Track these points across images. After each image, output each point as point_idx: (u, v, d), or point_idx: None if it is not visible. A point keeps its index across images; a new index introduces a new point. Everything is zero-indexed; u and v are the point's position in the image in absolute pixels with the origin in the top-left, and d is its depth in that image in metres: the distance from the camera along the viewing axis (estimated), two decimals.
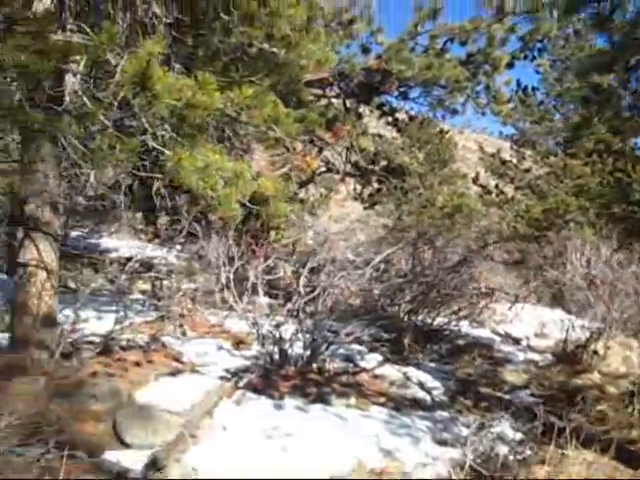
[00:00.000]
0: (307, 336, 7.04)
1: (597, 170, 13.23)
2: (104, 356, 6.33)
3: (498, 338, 9.83)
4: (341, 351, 7.71)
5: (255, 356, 7.19)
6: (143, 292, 9.56)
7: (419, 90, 13.37)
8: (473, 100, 13.36)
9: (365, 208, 16.31)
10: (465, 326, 9.77)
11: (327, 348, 7.14)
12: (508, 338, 9.89)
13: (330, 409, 6.04)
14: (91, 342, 6.54)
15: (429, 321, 9.26)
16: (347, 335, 7.31)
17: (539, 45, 14.74)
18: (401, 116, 15.20)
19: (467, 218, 13.25)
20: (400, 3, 14.51)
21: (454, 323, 9.44)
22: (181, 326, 7.78)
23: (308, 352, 7.00)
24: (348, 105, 13.54)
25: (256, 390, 6.19)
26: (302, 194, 15.13)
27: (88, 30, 4.34)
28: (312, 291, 7.45)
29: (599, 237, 11.37)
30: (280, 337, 6.90)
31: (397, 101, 14.39)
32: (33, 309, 5.40)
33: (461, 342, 9.28)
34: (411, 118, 15.26)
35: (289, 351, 6.94)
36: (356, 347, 8.04)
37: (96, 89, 4.76)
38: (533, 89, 16.68)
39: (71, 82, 4.90)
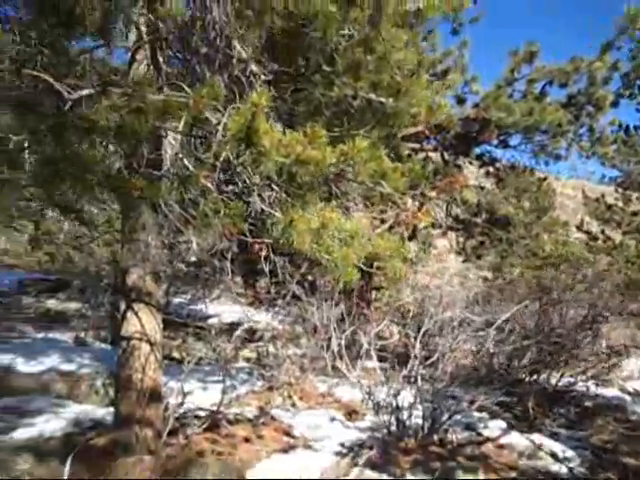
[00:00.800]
0: (427, 404, 6.52)
1: None
2: (211, 432, 6.03)
3: (628, 397, 9.05)
4: (461, 419, 7.15)
5: (370, 427, 6.74)
6: (248, 359, 9.25)
7: (519, 137, 12.92)
8: (577, 144, 12.79)
9: (464, 261, 15.80)
10: (591, 385, 9.02)
11: (450, 417, 6.59)
12: None
13: None
14: (197, 416, 6.26)
15: (553, 382, 8.55)
16: (471, 403, 6.76)
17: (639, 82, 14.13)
18: (501, 165, 14.71)
19: (575, 267, 12.59)
20: (492, 50, 14.25)
21: (581, 383, 8.71)
22: (290, 397, 7.44)
23: (428, 422, 6.47)
24: (446, 157, 13.20)
25: (375, 466, 5.72)
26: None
27: (186, 89, 4.10)
28: (430, 356, 6.94)
29: None
30: (397, 406, 6.41)
31: (496, 150, 13.95)
32: (137, 384, 5.16)
33: (589, 404, 8.56)
34: (512, 167, 14.73)
35: (407, 422, 6.44)
36: (476, 414, 7.46)
37: (196, 150, 4.55)
38: (635, 128, 15.95)
39: (170, 144, 4.70)
